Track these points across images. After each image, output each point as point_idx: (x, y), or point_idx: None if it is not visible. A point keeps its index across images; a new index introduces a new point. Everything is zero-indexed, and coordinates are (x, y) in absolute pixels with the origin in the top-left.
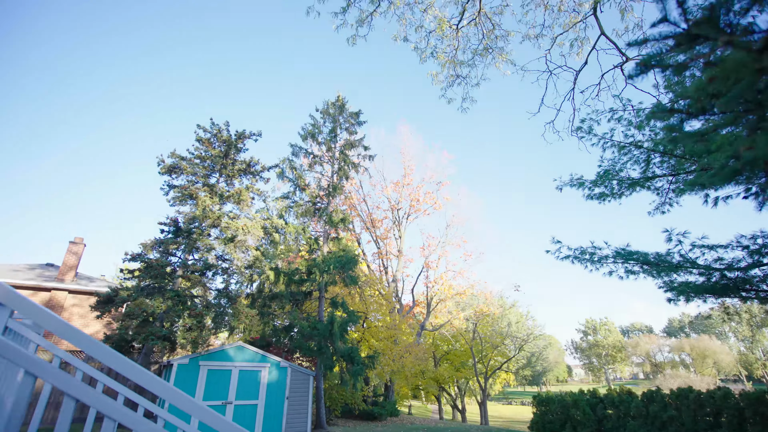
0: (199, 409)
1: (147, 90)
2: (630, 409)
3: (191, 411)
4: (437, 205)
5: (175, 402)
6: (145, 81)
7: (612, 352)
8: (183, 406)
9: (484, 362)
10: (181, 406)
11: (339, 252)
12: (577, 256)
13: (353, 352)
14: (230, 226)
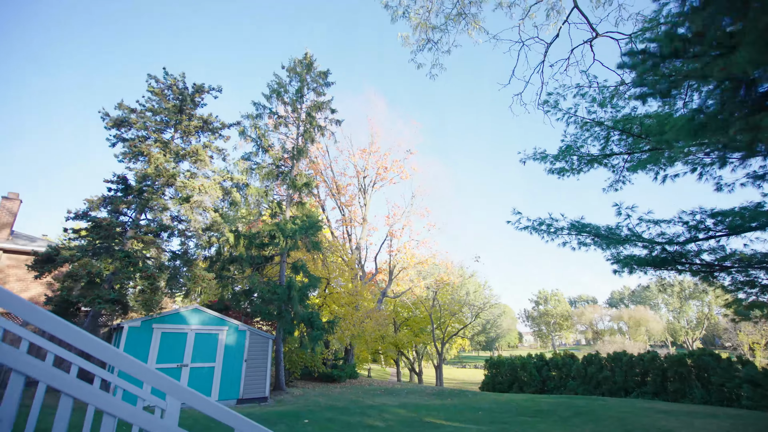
0: (148, 372)
1: (95, 37)
2: (571, 371)
3: (140, 375)
4: (404, 174)
5: (121, 366)
6: (91, 27)
7: (560, 321)
8: (130, 370)
9: (442, 328)
10: (128, 371)
11: (302, 217)
12: (535, 227)
13: (313, 316)
14: (186, 186)
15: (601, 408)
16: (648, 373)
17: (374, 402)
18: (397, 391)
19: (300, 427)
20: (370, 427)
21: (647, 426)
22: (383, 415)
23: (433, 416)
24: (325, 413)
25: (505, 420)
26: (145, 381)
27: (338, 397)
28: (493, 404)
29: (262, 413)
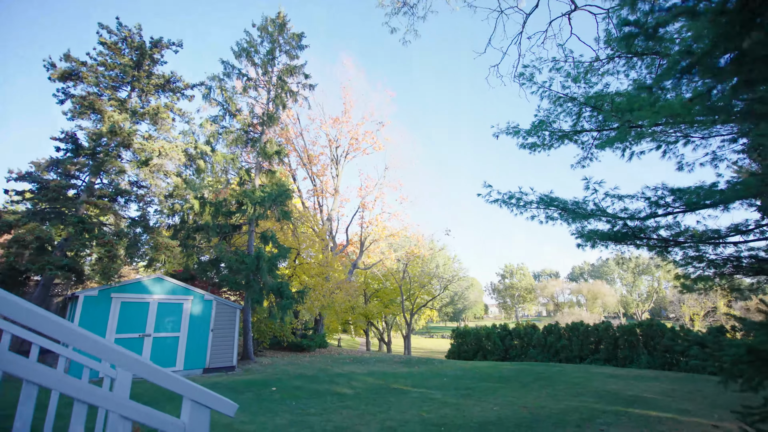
0: (86, 340)
1: None
2: (532, 340)
3: (75, 342)
4: (377, 146)
5: (69, 340)
6: None
7: (524, 294)
8: (82, 345)
9: (411, 300)
10: (80, 346)
11: (272, 185)
12: (505, 201)
13: (282, 286)
14: (145, 148)
15: (557, 374)
16: (601, 342)
17: (343, 370)
18: (365, 360)
19: (268, 395)
20: (338, 394)
21: (597, 388)
22: (351, 383)
23: (401, 383)
24: (294, 381)
25: (469, 386)
26: (83, 349)
27: (307, 366)
28: (458, 371)
29: (229, 382)
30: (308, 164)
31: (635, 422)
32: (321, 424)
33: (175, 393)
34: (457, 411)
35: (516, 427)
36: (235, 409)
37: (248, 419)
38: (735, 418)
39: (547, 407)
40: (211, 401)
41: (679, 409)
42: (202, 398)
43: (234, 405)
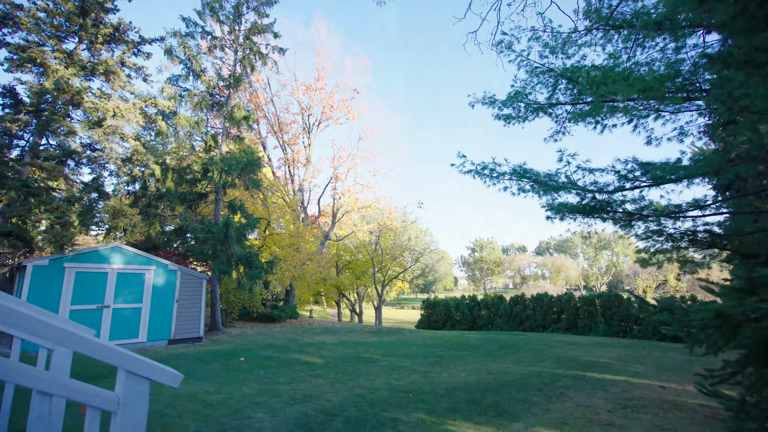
0: (39, 324)
1: None
2: (499, 310)
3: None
4: (351, 115)
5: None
6: None
7: (492, 267)
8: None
9: (383, 272)
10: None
11: (240, 152)
12: (478, 171)
13: (251, 256)
14: (98, 107)
15: (521, 342)
16: (563, 312)
17: (313, 340)
18: (336, 330)
19: (235, 365)
20: (308, 363)
21: (558, 355)
22: (322, 352)
23: (371, 352)
24: (263, 351)
25: (438, 354)
26: (43, 337)
27: (277, 336)
28: (427, 340)
29: (196, 353)
30: (279, 132)
31: (592, 385)
32: (290, 392)
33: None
34: (426, 378)
35: (482, 392)
36: (180, 379)
37: (215, 389)
38: (695, 381)
39: (511, 373)
40: (151, 371)
41: (632, 371)
42: (140, 368)
43: (178, 375)
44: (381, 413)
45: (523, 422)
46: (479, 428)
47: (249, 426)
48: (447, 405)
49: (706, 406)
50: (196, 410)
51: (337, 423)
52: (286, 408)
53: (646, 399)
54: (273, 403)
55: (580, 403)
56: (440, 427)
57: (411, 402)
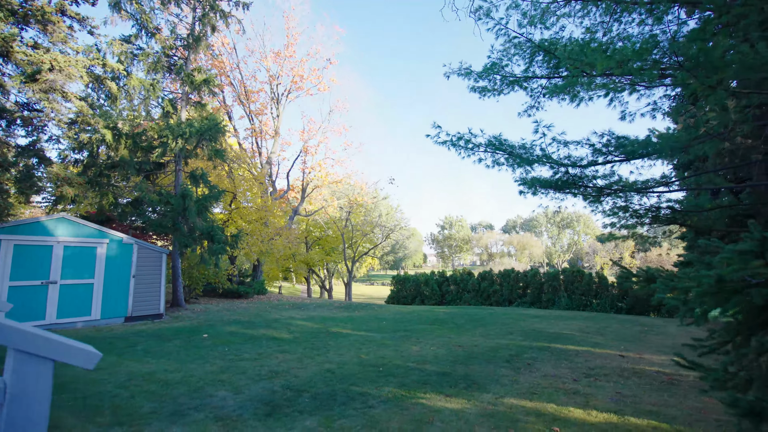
0: None
1: None
2: (467, 285)
3: None
4: (322, 86)
5: None
6: None
7: (461, 244)
8: None
9: (353, 248)
10: None
11: (201, 120)
12: (453, 142)
13: (214, 230)
14: (32, 60)
15: (489, 316)
16: (529, 287)
17: (281, 316)
18: (305, 306)
19: (198, 341)
20: (275, 339)
21: (524, 328)
22: (290, 327)
23: (340, 327)
24: (228, 327)
25: (407, 328)
26: None
27: (243, 312)
28: (397, 315)
29: (156, 330)
30: (246, 101)
31: (557, 356)
32: (255, 369)
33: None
34: (396, 351)
35: (452, 365)
36: (97, 359)
37: (174, 367)
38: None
39: (480, 345)
40: (55, 350)
41: (593, 342)
42: (38, 347)
43: (95, 354)
44: (350, 388)
45: (493, 393)
46: (450, 400)
47: (210, 405)
48: (417, 378)
49: (662, 373)
50: (153, 390)
51: (305, 399)
52: (251, 385)
53: (607, 367)
54: (237, 380)
55: (546, 373)
56: (411, 400)
57: (381, 376)
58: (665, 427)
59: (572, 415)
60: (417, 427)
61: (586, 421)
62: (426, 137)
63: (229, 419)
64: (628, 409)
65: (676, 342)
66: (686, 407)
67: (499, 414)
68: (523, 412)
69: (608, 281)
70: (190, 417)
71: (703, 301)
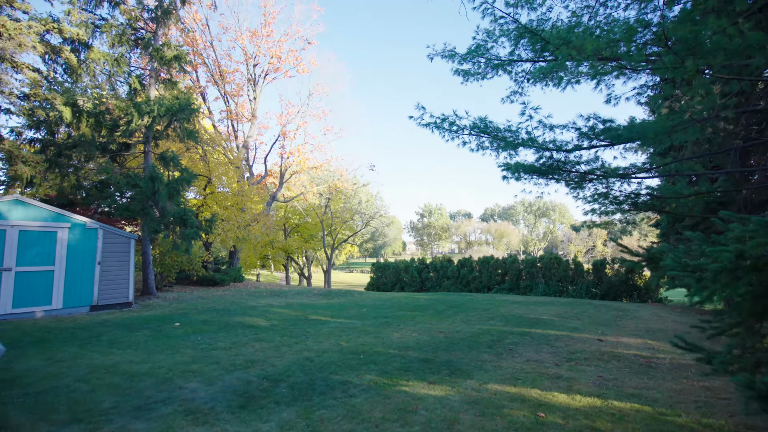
0: None
1: None
2: (447, 272)
3: None
4: (301, 68)
5: None
6: None
7: (440, 232)
8: None
9: (332, 235)
10: None
11: (172, 99)
12: (438, 124)
13: (186, 214)
14: None
15: (469, 302)
16: (507, 273)
17: (258, 303)
18: (283, 293)
19: (169, 331)
20: (251, 327)
21: (504, 314)
22: (267, 315)
23: (319, 314)
24: (201, 316)
25: (387, 315)
26: None
27: (218, 300)
28: (377, 301)
29: (123, 319)
30: (220, 81)
31: (538, 340)
32: (229, 358)
33: None
34: (377, 338)
35: (434, 351)
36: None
37: (142, 358)
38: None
39: (461, 331)
40: None
41: (571, 327)
42: None
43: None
44: (330, 376)
45: (476, 379)
46: (433, 387)
47: (179, 397)
48: (399, 365)
49: (640, 356)
50: (116, 383)
51: (282, 389)
52: (225, 375)
53: (587, 351)
54: (210, 371)
55: (529, 358)
56: (393, 388)
57: (362, 363)
58: (648, 410)
59: (556, 399)
60: (400, 416)
61: (571, 406)
62: (409, 119)
63: (199, 412)
64: (610, 392)
65: (649, 326)
66: (666, 389)
67: (484, 400)
68: (507, 398)
69: (584, 268)
70: (157, 411)
71: (718, 279)
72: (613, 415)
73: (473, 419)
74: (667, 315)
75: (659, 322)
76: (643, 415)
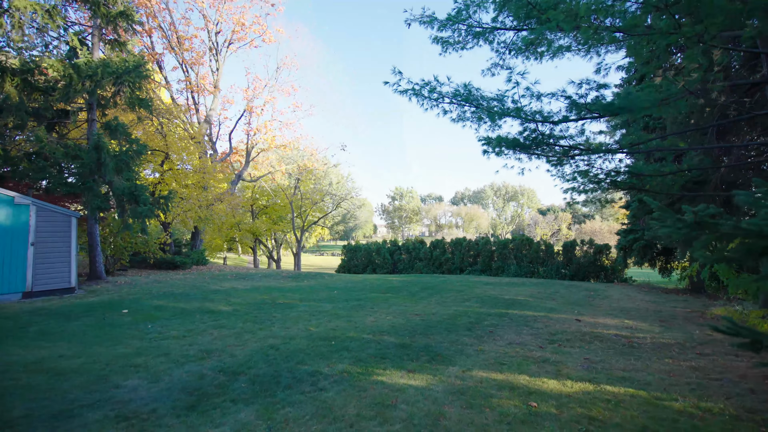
0: None
1: None
2: (420, 254)
3: None
4: (268, 36)
5: None
6: None
7: (411, 215)
8: None
9: (302, 217)
10: None
11: (120, 61)
12: (416, 91)
13: (137, 190)
14: None
15: (442, 283)
16: (479, 255)
17: (221, 287)
18: (250, 276)
19: (114, 319)
20: (211, 312)
21: (479, 295)
22: (230, 299)
23: (287, 298)
24: (155, 301)
25: (360, 297)
26: None
27: (177, 284)
28: (349, 284)
29: (61, 307)
30: (178, 48)
31: (516, 322)
32: (182, 348)
33: None
34: (349, 322)
35: (411, 335)
36: None
37: (74, 352)
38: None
39: (437, 313)
40: None
41: (548, 307)
42: None
43: None
44: (298, 367)
45: (459, 365)
46: (413, 376)
47: (113, 399)
48: (374, 352)
49: (620, 336)
50: (35, 384)
51: (241, 383)
52: (174, 369)
53: (568, 332)
54: (156, 365)
55: (511, 341)
56: (369, 378)
57: (333, 351)
58: (642, 395)
59: (547, 386)
60: (378, 411)
61: (563, 393)
62: (384, 85)
63: (136, 417)
64: (600, 376)
65: (621, 305)
66: (655, 371)
67: (470, 390)
68: (495, 386)
69: (554, 249)
70: (81, 418)
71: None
72: (608, 401)
73: (460, 412)
74: (636, 294)
75: (630, 302)
76: (638, 401)
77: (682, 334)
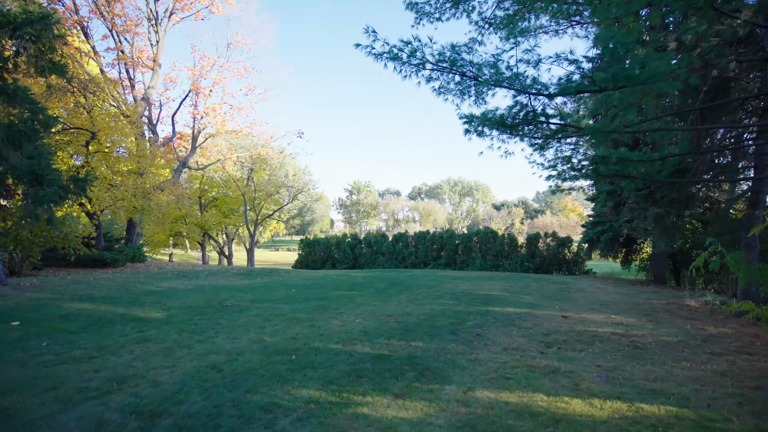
0: None
1: None
2: (382, 248)
3: None
4: (215, 7)
5: None
6: None
7: (369, 210)
8: None
9: (256, 210)
10: None
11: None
12: (395, 54)
13: (43, 168)
14: None
15: (410, 279)
16: (443, 249)
17: (158, 287)
18: (195, 273)
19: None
20: (137, 320)
21: (451, 290)
22: (166, 302)
23: (238, 298)
24: (66, 308)
25: (322, 296)
26: None
27: (103, 285)
28: (308, 281)
29: None
30: (108, 12)
31: (501, 321)
32: (82, 377)
33: None
34: (312, 328)
35: (387, 342)
36: None
37: None
38: (609, 312)
39: (413, 314)
40: None
41: (527, 303)
42: None
43: None
44: (247, 397)
45: (456, 384)
46: (403, 404)
47: None
48: (348, 368)
49: (617, 334)
50: None
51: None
52: (60, 413)
53: (560, 332)
54: (33, 405)
55: (505, 345)
56: (345, 410)
57: (295, 369)
58: (689, 415)
59: (573, 409)
60: None
61: (596, 418)
62: (356, 47)
63: None
64: (627, 390)
65: (597, 298)
66: (682, 379)
67: (481, 421)
68: (510, 414)
69: (518, 242)
70: None
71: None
72: (654, 427)
73: None
74: (605, 286)
75: (604, 294)
76: (688, 424)
77: (677, 329)
